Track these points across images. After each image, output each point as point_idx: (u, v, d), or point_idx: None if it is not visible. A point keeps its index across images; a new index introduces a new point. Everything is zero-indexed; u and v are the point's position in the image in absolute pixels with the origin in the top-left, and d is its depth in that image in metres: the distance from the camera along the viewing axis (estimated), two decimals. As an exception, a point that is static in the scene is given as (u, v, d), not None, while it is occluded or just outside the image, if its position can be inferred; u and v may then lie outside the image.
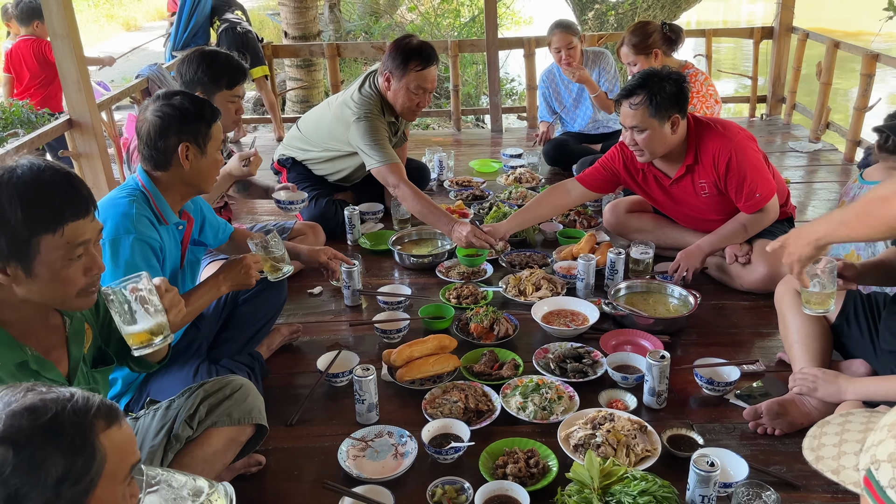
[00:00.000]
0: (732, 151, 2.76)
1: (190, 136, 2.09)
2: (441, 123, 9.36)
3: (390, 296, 2.90)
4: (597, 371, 2.39)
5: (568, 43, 4.15)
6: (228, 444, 1.83)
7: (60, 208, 1.38)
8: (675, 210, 3.09)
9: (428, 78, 3.33)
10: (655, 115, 2.69)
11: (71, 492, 1.01)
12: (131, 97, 4.56)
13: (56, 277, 1.40)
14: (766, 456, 2.05)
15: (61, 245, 1.38)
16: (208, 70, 2.76)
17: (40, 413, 1.01)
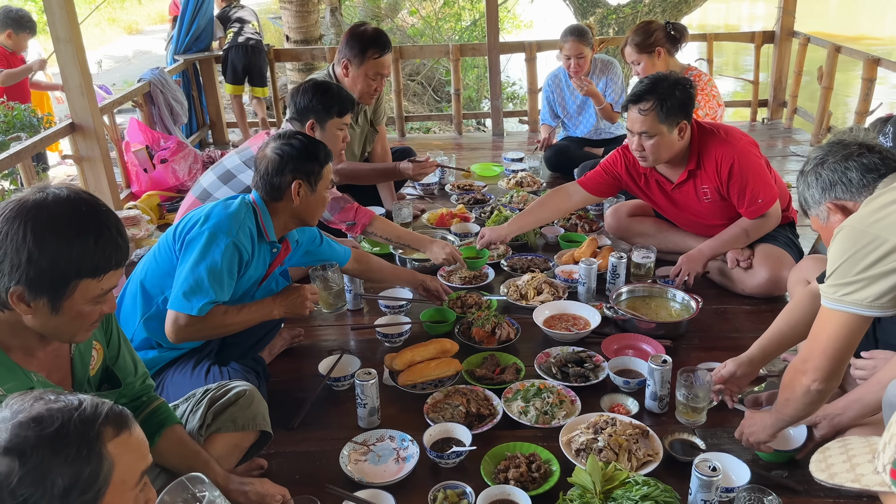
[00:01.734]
0: (735, 157, 2.76)
1: (303, 175, 2.22)
2: (442, 127, 9.37)
3: (392, 300, 2.90)
4: (598, 375, 2.39)
5: (579, 53, 4.16)
6: (232, 450, 1.84)
7: (110, 256, 1.38)
8: (677, 214, 3.09)
9: (385, 64, 3.45)
10: (665, 121, 2.70)
11: (79, 500, 1.02)
12: (133, 101, 4.57)
13: (77, 317, 1.40)
14: (768, 461, 2.05)
15: (96, 290, 1.39)
16: (322, 99, 2.89)
17: (46, 423, 1.01)
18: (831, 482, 0.97)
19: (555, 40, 5.51)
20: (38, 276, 1.31)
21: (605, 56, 4.47)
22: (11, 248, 1.30)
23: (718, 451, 2.01)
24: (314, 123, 2.90)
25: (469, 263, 3.09)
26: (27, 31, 4.86)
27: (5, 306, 1.35)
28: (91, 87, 3.51)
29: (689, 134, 2.80)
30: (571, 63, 4.19)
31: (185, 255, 2.12)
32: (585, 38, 4.16)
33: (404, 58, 5.81)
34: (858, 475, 0.94)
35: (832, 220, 1.74)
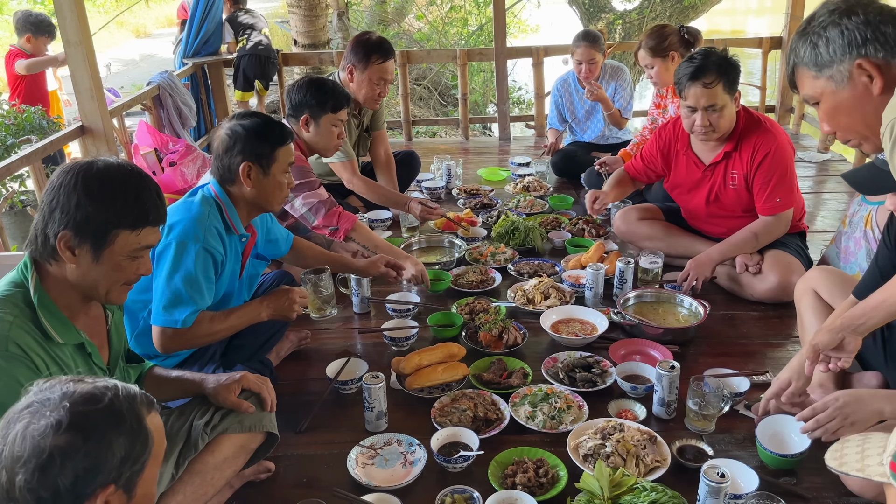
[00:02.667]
0: (773, 149, 2.80)
1: (253, 157, 2.18)
2: (448, 132, 9.38)
3: (399, 303, 2.90)
4: (606, 381, 2.39)
5: (591, 58, 4.16)
6: (239, 451, 1.85)
7: (148, 211, 1.54)
8: (694, 199, 3.10)
9: (388, 69, 3.51)
10: (728, 90, 2.76)
11: (130, 471, 1.09)
12: (142, 104, 4.59)
13: (116, 269, 1.53)
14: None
15: (134, 243, 1.53)
16: (316, 94, 2.93)
17: (99, 399, 1.08)
18: (839, 469, 0.99)
19: (562, 45, 5.54)
20: (83, 221, 1.46)
21: (615, 62, 4.46)
22: (63, 195, 1.46)
23: (727, 458, 2.01)
24: (308, 118, 2.95)
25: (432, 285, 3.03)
26: (46, 35, 4.93)
27: (52, 256, 1.49)
28: (101, 90, 3.53)
29: (735, 113, 2.86)
30: (583, 68, 4.19)
31: (158, 269, 2.10)
32: (597, 43, 4.16)
33: (412, 62, 5.81)
34: (865, 465, 0.96)
35: (858, 84, 1.43)
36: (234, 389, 1.83)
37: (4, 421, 1.08)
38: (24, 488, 1.03)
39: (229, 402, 1.82)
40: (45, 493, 1.03)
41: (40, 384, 1.12)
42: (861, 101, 1.41)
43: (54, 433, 1.04)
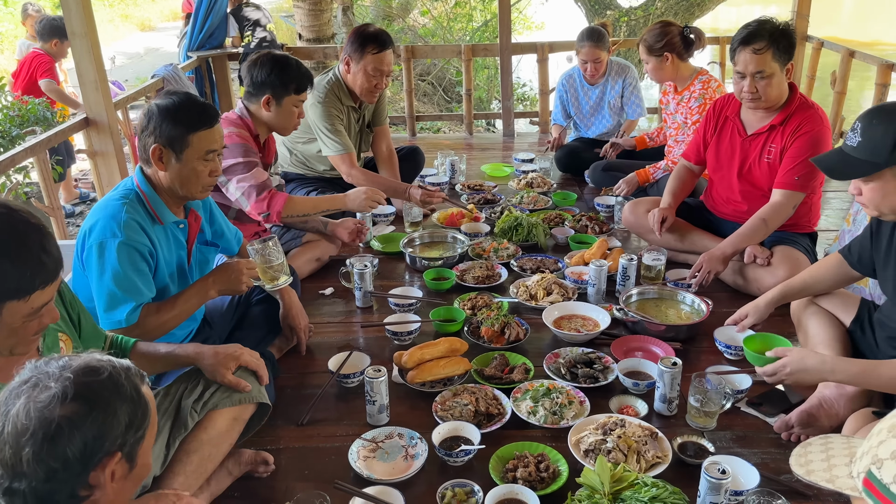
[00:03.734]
0: (817, 130, 2.81)
1: (164, 140, 2.06)
2: (452, 127, 9.37)
3: (402, 298, 2.91)
4: (608, 377, 2.39)
5: (595, 57, 4.18)
6: (232, 424, 1.86)
7: (34, 277, 1.34)
8: (728, 171, 3.11)
9: (384, 61, 3.46)
10: (779, 59, 2.75)
11: (133, 438, 1.12)
12: (146, 97, 4.59)
13: (10, 335, 1.38)
14: (777, 464, 2.04)
15: (26, 309, 1.35)
16: (280, 74, 2.85)
17: (100, 370, 1.11)
18: (808, 479, 0.98)
19: (567, 41, 5.53)
20: None
21: (621, 59, 4.46)
22: None
23: (728, 455, 2.01)
24: (270, 98, 2.87)
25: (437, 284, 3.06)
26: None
27: None
28: (105, 82, 3.54)
29: (787, 85, 2.86)
30: (588, 67, 4.20)
31: (89, 274, 2.04)
32: (602, 42, 4.16)
33: (416, 57, 5.81)
34: (833, 476, 0.96)
35: None
36: (232, 367, 1.84)
37: (2, 398, 1.10)
38: (32, 460, 1.04)
39: (227, 380, 1.82)
40: (54, 463, 1.05)
41: (32, 363, 1.13)
42: None
43: (61, 403, 1.06)
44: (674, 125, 3.82)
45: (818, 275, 2.42)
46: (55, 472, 1.06)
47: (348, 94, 3.60)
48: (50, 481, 1.06)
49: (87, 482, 1.09)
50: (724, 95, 3.20)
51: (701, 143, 3.23)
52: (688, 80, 3.71)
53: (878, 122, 1.91)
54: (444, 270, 3.14)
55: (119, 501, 1.16)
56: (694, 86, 3.68)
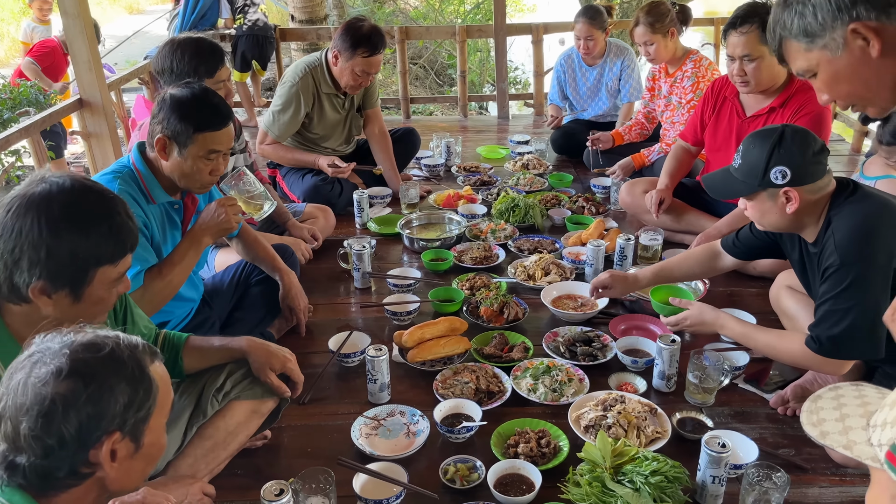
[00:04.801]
0: (818, 112, 2.80)
1: (169, 132, 2.03)
2: (444, 110, 9.34)
3: (400, 279, 2.91)
4: (606, 355, 2.41)
5: (589, 34, 4.16)
6: (251, 416, 1.87)
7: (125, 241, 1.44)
8: (725, 153, 3.09)
9: (373, 64, 3.43)
10: (766, 42, 2.71)
11: (134, 418, 1.10)
12: (139, 78, 4.54)
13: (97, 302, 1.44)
14: (775, 439, 2.07)
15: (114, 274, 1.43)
16: (188, 63, 2.65)
17: (100, 347, 1.09)
18: (822, 441, 0.93)
19: (563, 22, 5.52)
20: (58, 269, 1.34)
21: (620, 41, 4.44)
22: (28, 245, 1.32)
23: (726, 430, 2.03)
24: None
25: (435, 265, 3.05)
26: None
27: (24, 300, 1.37)
28: (99, 62, 3.50)
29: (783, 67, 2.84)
30: (581, 44, 4.19)
31: None
32: (597, 20, 4.14)
33: (410, 38, 5.77)
34: (851, 441, 0.91)
35: (855, 49, 1.32)
36: (278, 369, 1.84)
37: (8, 372, 1.09)
38: (28, 436, 1.04)
39: (270, 380, 1.83)
40: (49, 440, 1.04)
41: (39, 337, 1.12)
42: (860, 67, 1.35)
43: (55, 380, 1.04)
44: (668, 107, 3.82)
45: (687, 263, 2.53)
46: (52, 450, 1.04)
47: (330, 83, 3.56)
48: (48, 458, 1.05)
49: (88, 460, 1.08)
50: (722, 76, 3.20)
51: (699, 123, 3.23)
52: (680, 61, 3.70)
53: (754, 146, 1.99)
54: (442, 251, 3.15)
55: (127, 480, 1.15)
56: (686, 66, 3.68)
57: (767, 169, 1.95)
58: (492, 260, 3.09)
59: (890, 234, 1.88)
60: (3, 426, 1.06)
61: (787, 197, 1.95)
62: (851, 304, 1.87)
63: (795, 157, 1.93)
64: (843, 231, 1.90)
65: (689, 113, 3.57)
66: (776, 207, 1.99)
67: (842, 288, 1.88)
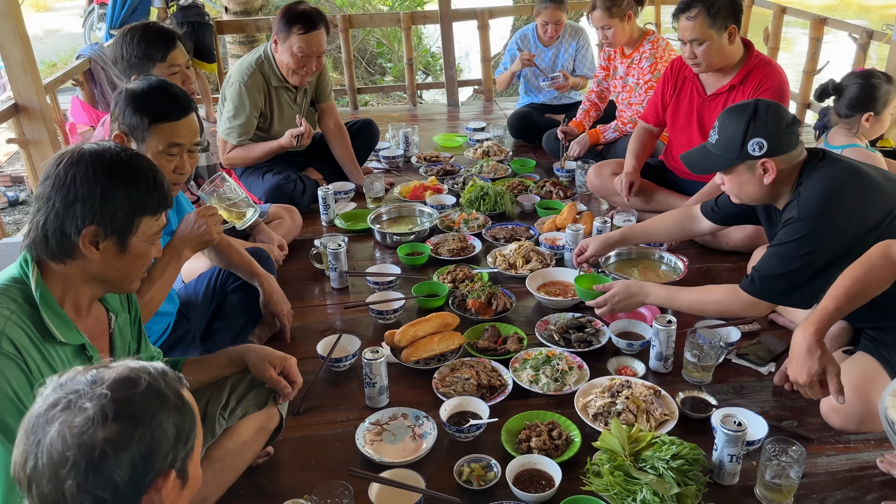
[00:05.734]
0: (778, 86, 2.87)
1: (126, 127, 1.93)
2: (380, 100, 9.20)
3: (380, 276, 2.83)
4: (600, 339, 2.40)
5: (557, 19, 4.17)
6: (258, 434, 1.80)
7: (167, 194, 1.49)
8: (688, 132, 3.14)
9: (311, 42, 3.31)
10: (713, 25, 2.80)
11: (184, 451, 1.02)
12: (74, 79, 4.28)
13: (139, 256, 1.47)
14: (777, 412, 2.11)
15: (154, 227, 1.48)
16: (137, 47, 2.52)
17: (137, 381, 1.00)
18: None
19: (507, 7, 5.51)
20: (112, 213, 1.38)
21: (573, 22, 4.45)
22: (84, 189, 1.36)
23: (730, 406, 2.05)
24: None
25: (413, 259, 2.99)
26: None
27: (68, 255, 1.39)
28: (34, 64, 3.26)
29: (739, 44, 2.91)
30: (549, 29, 4.18)
31: None
32: (563, 3, 4.15)
33: (354, 27, 5.63)
34: None
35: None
36: (277, 366, 1.76)
37: (26, 429, 0.97)
38: (77, 493, 0.93)
39: (270, 375, 1.74)
40: (102, 492, 0.94)
41: (54, 381, 1.01)
42: None
43: (102, 425, 0.93)
44: (625, 88, 3.84)
45: (663, 223, 2.64)
46: (104, 502, 0.94)
47: (279, 75, 3.44)
48: None
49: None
50: (680, 57, 3.23)
51: (659, 104, 3.25)
52: (637, 42, 3.73)
53: (730, 121, 2.06)
54: (418, 245, 3.08)
55: None
56: (643, 46, 3.71)
57: (745, 141, 2.01)
58: (469, 251, 3.04)
59: (852, 198, 1.94)
60: (37, 489, 0.94)
61: (765, 168, 2.02)
62: (795, 255, 1.98)
63: (771, 128, 2.00)
64: (808, 192, 1.97)
65: (647, 94, 3.60)
66: (754, 179, 2.05)
67: (792, 239, 1.98)
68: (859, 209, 1.93)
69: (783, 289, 2.04)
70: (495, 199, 3.39)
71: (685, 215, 2.60)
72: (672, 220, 2.62)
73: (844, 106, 2.90)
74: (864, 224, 1.92)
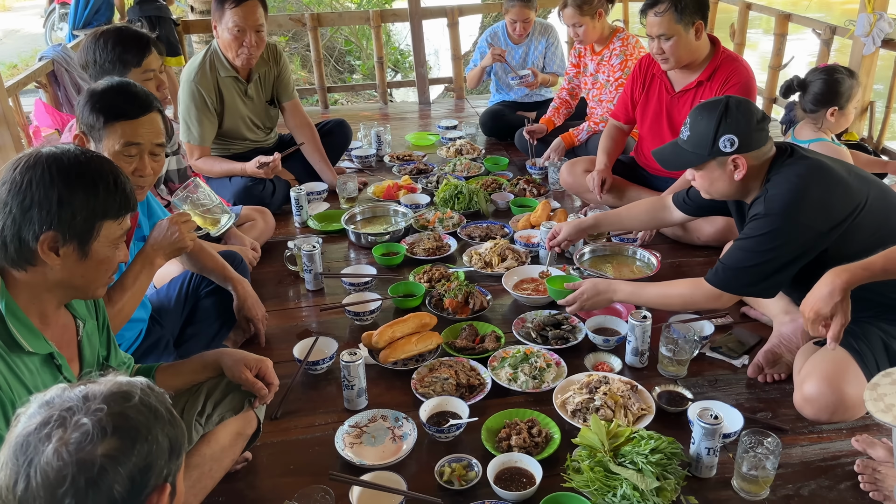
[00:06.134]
0: (745, 81, 2.91)
1: (84, 126, 1.90)
2: (350, 99, 9.14)
3: (355, 277, 2.81)
4: (577, 336, 2.41)
5: (525, 17, 4.17)
6: (235, 439, 1.77)
7: (129, 197, 1.44)
8: (658, 129, 3.17)
9: (244, 14, 3.19)
10: (680, 21, 2.84)
11: (176, 464, 1.02)
12: (37, 82, 4.19)
13: (102, 262, 1.43)
14: (751, 404, 2.14)
15: (117, 231, 1.44)
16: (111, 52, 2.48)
17: (129, 395, 0.99)
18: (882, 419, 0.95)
19: (476, 4, 5.51)
20: (70, 218, 1.34)
21: (542, 19, 4.46)
22: (40, 193, 1.32)
23: (705, 400, 2.08)
24: None
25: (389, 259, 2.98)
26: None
27: (28, 262, 1.36)
28: (-5, 67, 3.17)
29: (706, 39, 2.96)
30: (517, 27, 4.18)
31: None
32: (531, 2, 4.15)
33: (322, 25, 5.58)
34: None
35: None
36: (254, 369, 1.73)
37: (15, 450, 0.93)
38: None
39: (246, 377, 1.71)
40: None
41: (39, 399, 0.97)
42: None
43: (101, 440, 0.92)
44: (595, 85, 3.86)
45: (636, 210, 2.69)
46: None
47: (227, 65, 3.37)
48: None
49: None
50: (648, 54, 3.26)
51: (629, 101, 3.28)
52: (607, 40, 3.75)
53: (701, 117, 2.09)
54: (393, 245, 3.07)
55: None
56: (613, 44, 3.73)
57: (716, 138, 2.03)
58: (444, 250, 3.03)
59: (818, 196, 1.97)
60: None
61: (735, 164, 2.05)
62: (760, 249, 2.01)
63: (741, 125, 2.02)
64: (776, 188, 2.01)
65: (618, 91, 3.63)
66: (725, 175, 2.08)
67: (758, 234, 2.02)
68: (825, 206, 1.96)
69: (746, 281, 2.08)
70: (469, 198, 3.39)
71: (658, 205, 2.63)
72: (645, 209, 2.66)
73: (809, 102, 2.95)
74: (829, 221, 1.96)
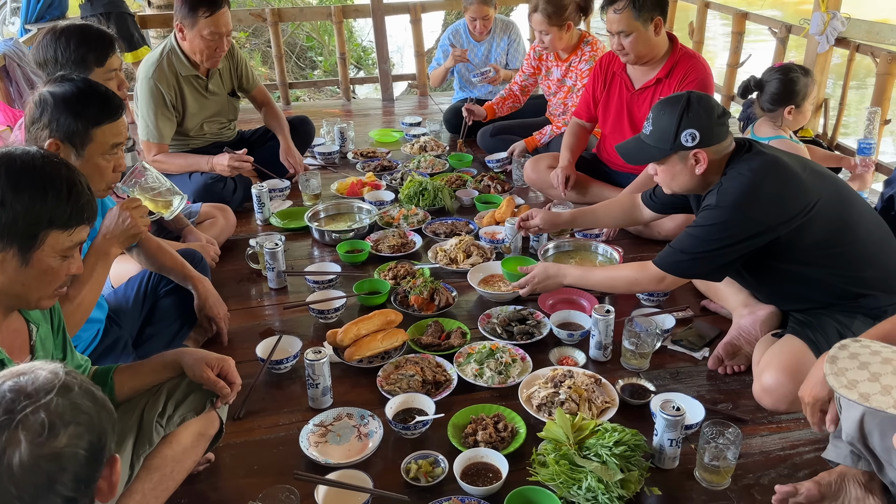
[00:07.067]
0: (702, 77, 2.97)
1: (61, 134, 1.85)
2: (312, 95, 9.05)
3: (319, 274, 2.79)
4: (542, 331, 2.43)
5: (484, 14, 4.18)
6: (197, 440, 1.74)
7: (83, 209, 1.39)
8: (619, 126, 3.20)
9: (219, 22, 3.22)
10: (639, 17, 2.87)
11: (115, 437, 1.02)
12: (-13, 77, 4.05)
13: (46, 272, 1.38)
14: (712, 395, 2.18)
15: (66, 242, 1.38)
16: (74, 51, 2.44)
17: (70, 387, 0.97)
18: (866, 403, 0.95)
19: (437, 1, 5.50)
20: (10, 223, 1.30)
21: (504, 16, 4.47)
22: None
23: (667, 392, 2.11)
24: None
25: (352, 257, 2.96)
26: None
27: None
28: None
29: (665, 36, 3.00)
30: (477, 24, 4.18)
31: None
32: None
33: (283, 21, 5.51)
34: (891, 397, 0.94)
35: None
36: (215, 368, 1.68)
37: None
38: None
39: (207, 376, 1.66)
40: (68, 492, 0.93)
41: None
42: None
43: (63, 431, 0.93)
44: (562, 89, 3.85)
45: (612, 208, 2.74)
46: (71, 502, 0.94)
47: (187, 64, 3.34)
48: None
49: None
50: (608, 52, 3.29)
51: (591, 100, 3.31)
52: (574, 47, 3.73)
53: (663, 112, 2.13)
54: (357, 242, 3.05)
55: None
56: (582, 49, 3.72)
57: (678, 133, 2.06)
58: (409, 247, 3.02)
59: (772, 190, 2.01)
60: None
61: (697, 158, 2.08)
62: (708, 238, 2.07)
63: (703, 120, 2.06)
64: (730, 182, 2.05)
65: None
66: (686, 169, 2.12)
67: (708, 224, 2.07)
68: (778, 202, 2.00)
69: (692, 266, 2.15)
70: (434, 195, 3.38)
71: (630, 204, 2.67)
72: (619, 208, 2.71)
73: (767, 101, 3.02)
74: (780, 216, 2.00)
